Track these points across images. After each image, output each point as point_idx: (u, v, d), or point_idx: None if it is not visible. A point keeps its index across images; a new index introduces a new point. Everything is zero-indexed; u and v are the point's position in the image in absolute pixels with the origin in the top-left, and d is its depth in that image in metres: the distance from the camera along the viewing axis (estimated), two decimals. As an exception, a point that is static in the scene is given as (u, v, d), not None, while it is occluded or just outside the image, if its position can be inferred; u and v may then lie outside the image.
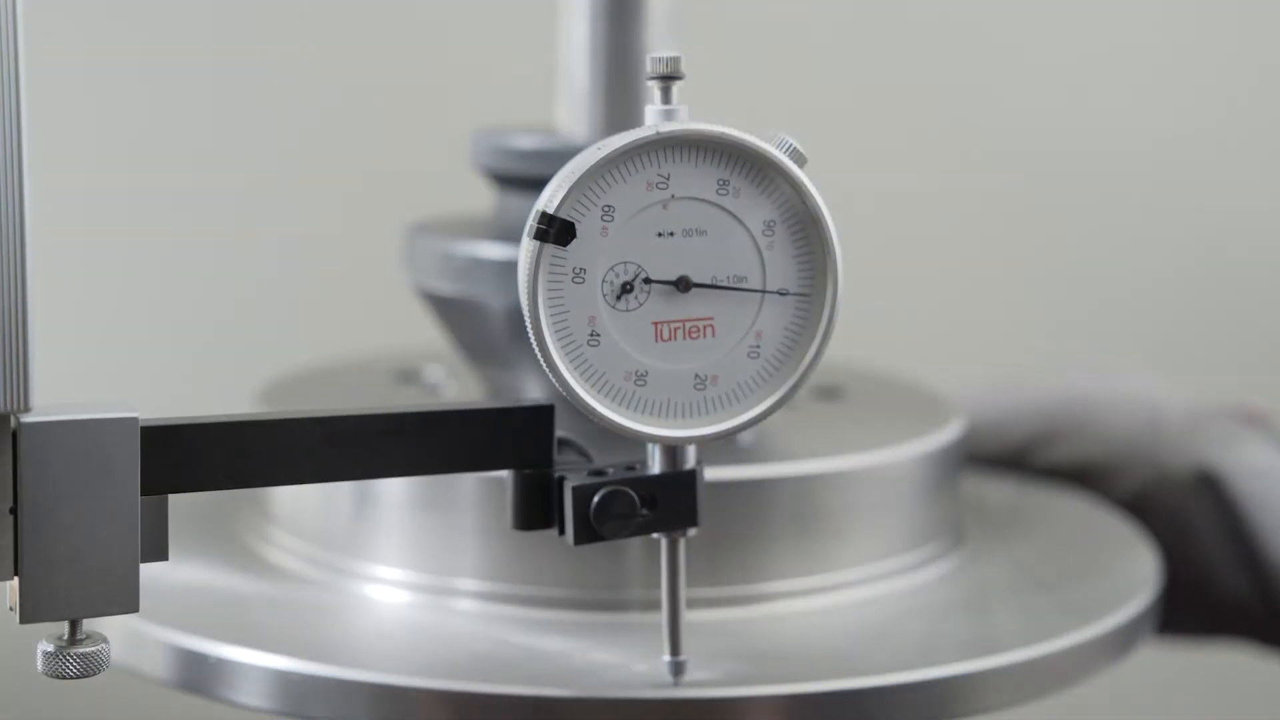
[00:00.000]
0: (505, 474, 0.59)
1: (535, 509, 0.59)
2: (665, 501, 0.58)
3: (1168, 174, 1.16)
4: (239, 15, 1.08)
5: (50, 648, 0.54)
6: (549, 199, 0.55)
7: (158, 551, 0.54)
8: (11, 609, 0.53)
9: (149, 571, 0.54)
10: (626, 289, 0.56)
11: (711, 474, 0.60)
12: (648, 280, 0.56)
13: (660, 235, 0.56)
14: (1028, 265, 1.17)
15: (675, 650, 0.60)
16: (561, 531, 0.58)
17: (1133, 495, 0.86)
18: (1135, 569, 0.75)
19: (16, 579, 0.52)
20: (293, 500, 0.72)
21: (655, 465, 0.58)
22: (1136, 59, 1.16)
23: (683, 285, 0.56)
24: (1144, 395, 0.88)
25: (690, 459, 0.58)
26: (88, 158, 1.06)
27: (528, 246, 0.55)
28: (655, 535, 0.59)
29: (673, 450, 0.58)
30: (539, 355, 0.55)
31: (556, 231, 0.55)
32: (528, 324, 0.55)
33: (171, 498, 0.55)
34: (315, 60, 1.09)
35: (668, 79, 0.56)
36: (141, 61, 1.07)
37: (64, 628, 0.54)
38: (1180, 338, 1.17)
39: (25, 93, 0.50)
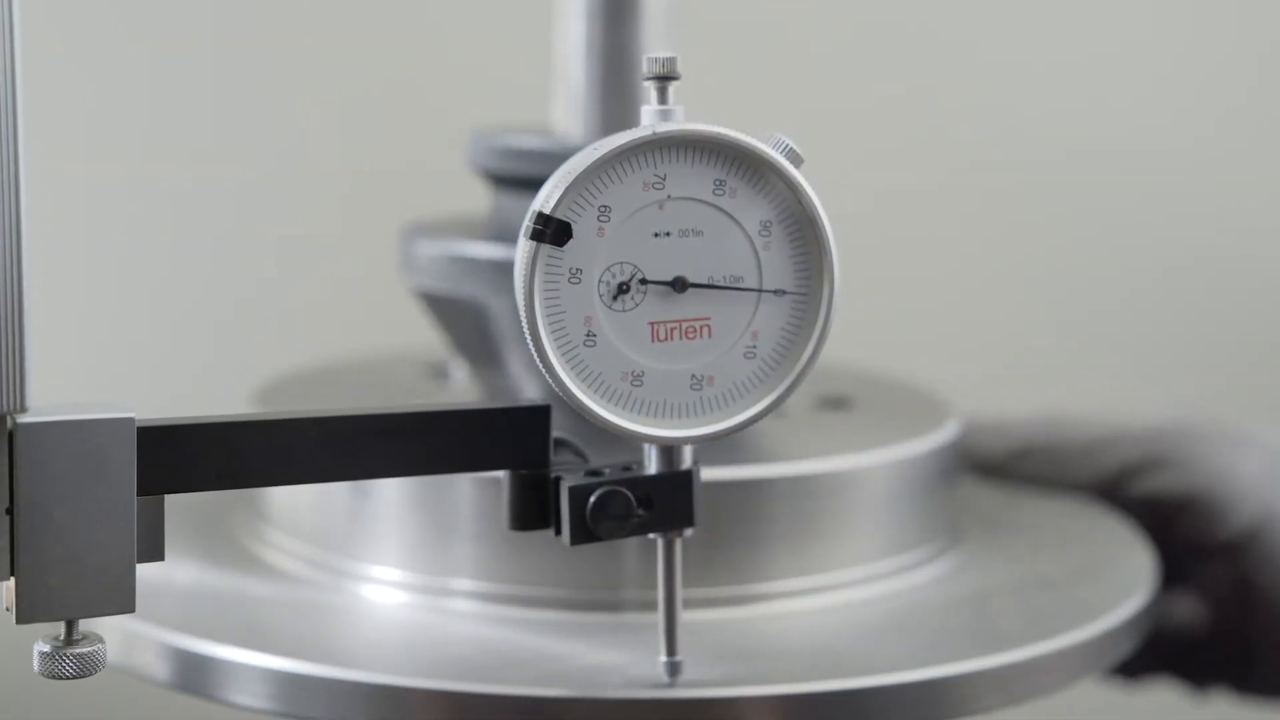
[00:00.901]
0: (502, 474, 0.59)
1: (532, 509, 0.59)
2: (661, 502, 0.58)
3: (1167, 175, 1.16)
4: (236, 16, 1.08)
5: (47, 648, 0.53)
6: (545, 199, 0.55)
7: (154, 552, 0.54)
8: (8, 609, 0.53)
9: (145, 572, 0.54)
10: (623, 289, 0.56)
11: (708, 474, 0.60)
12: (644, 280, 0.56)
13: (656, 235, 0.56)
14: (1026, 265, 1.17)
15: (672, 650, 0.60)
16: (558, 532, 0.58)
17: (1237, 534, 0.81)
18: (1132, 570, 0.74)
19: (13, 579, 0.52)
20: (289, 501, 0.72)
21: (652, 465, 0.58)
22: (1137, 61, 1.17)
23: (679, 285, 0.56)
24: (1253, 431, 0.83)
25: (686, 459, 0.58)
26: (85, 156, 1.06)
27: (524, 247, 0.55)
28: (651, 535, 0.59)
29: (669, 450, 0.58)
30: (535, 355, 0.55)
31: (553, 232, 0.55)
32: (524, 324, 0.55)
33: (168, 498, 0.55)
34: (312, 61, 1.09)
35: (664, 79, 0.56)
36: (140, 60, 1.07)
37: (60, 628, 0.54)
38: (1179, 339, 1.17)
39: (21, 91, 0.50)
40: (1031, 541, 0.78)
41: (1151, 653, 0.79)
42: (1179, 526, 0.81)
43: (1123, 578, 0.74)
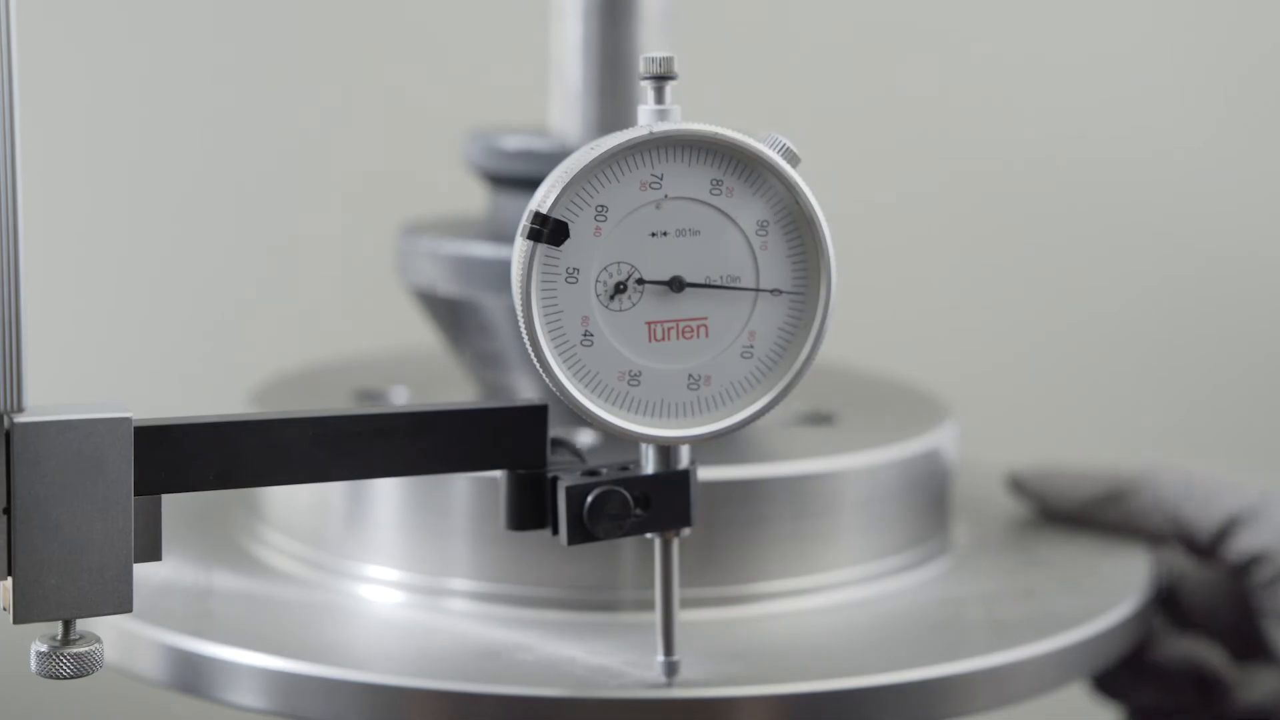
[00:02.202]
0: (499, 474, 0.59)
1: (529, 509, 0.59)
2: (659, 501, 0.58)
3: (1167, 176, 1.16)
4: (235, 18, 1.08)
5: (44, 648, 0.53)
6: (542, 199, 0.55)
7: (151, 551, 0.54)
8: (5, 609, 0.53)
9: (142, 572, 0.54)
10: (620, 289, 0.56)
11: (705, 474, 0.60)
12: (641, 280, 0.56)
13: (654, 235, 0.56)
14: (1025, 266, 1.17)
15: (669, 650, 0.60)
16: (555, 532, 0.58)
17: None
18: (1128, 572, 0.74)
19: (10, 579, 0.52)
20: (286, 501, 0.72)
21: (649, 465, 0.58)
22: (1134, 63, 1.16)
23: (676, 285, 0.56)
24: None
25: (684, 459, 0.58)
26: (82, 158, 1.06)
27: (521, 246, 0.55)
28: (649, 535, 0.59)
29: (666, 450, 0.58)
30: (532, 355, 0.55)
31: (550, 231, 0.55)
32: (521, 324, 0.55)
33: (165, 498, 0.55)
34: (311, 61, 1.09)
35: (661, 79, 0.56)
36: (138, 60, 1.07)
37: (57, 628, 0.54)
38: (1179, 340, 1.17)
39: (18, 89, 0.50)
40: (1028, 546, 0.78)
41: None
42: (1274, 592, 0.75)
43: (1117, 581, 0.73)
